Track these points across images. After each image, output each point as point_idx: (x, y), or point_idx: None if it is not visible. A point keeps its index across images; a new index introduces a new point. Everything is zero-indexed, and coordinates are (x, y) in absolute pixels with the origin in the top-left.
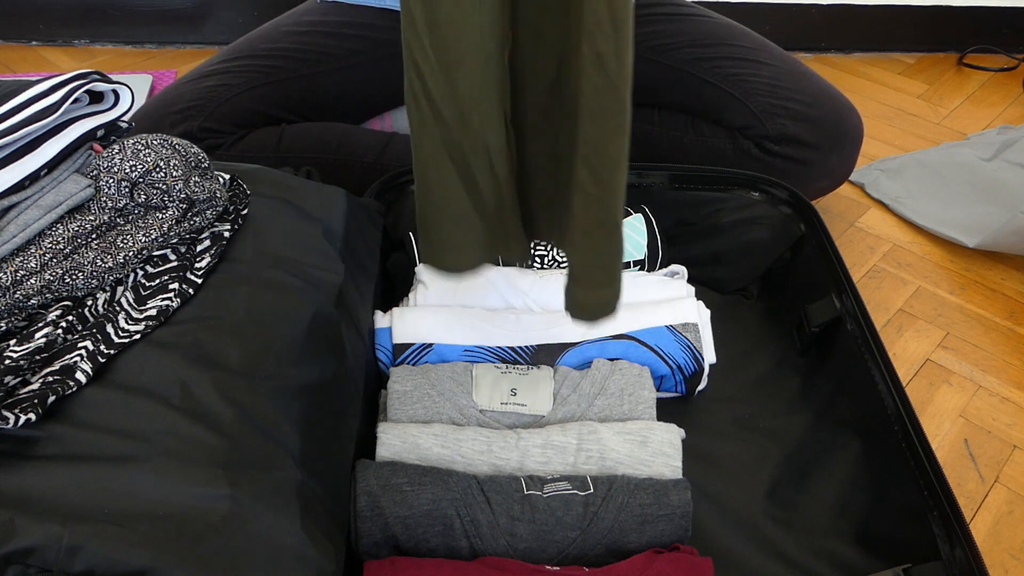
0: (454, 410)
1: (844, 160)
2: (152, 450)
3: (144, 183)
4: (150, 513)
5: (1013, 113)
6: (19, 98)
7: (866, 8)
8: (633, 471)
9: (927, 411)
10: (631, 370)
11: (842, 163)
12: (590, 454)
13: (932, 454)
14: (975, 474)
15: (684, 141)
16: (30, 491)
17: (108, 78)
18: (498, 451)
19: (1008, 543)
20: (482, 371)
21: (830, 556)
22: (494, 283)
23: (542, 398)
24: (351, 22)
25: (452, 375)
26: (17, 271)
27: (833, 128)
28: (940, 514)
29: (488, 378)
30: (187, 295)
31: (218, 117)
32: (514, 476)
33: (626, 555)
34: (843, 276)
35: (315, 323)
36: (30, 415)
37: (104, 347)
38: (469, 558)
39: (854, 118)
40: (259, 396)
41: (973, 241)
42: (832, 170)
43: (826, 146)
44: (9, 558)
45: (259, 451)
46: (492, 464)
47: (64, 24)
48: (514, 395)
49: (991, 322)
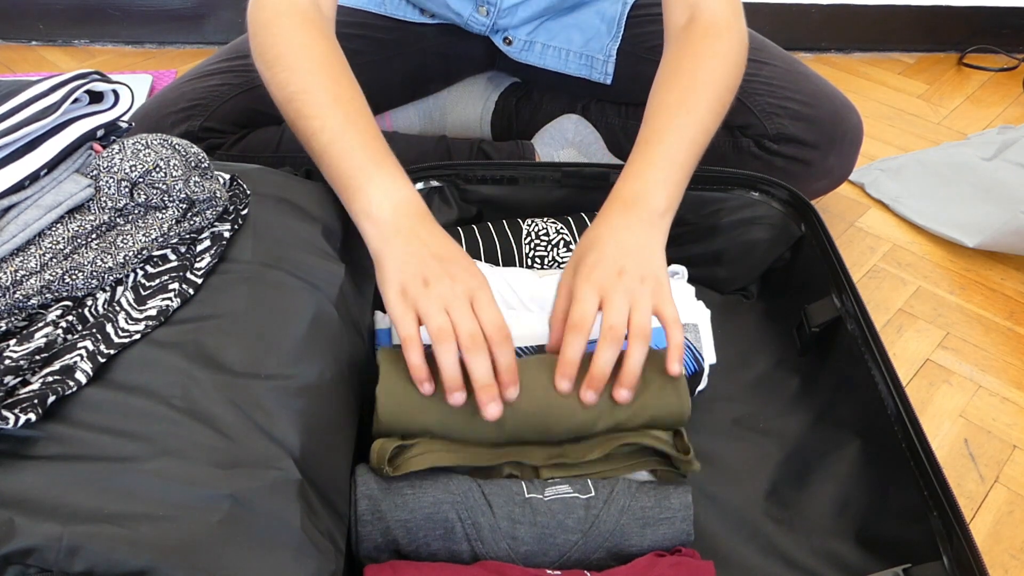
0: None
1: (843, 159)
2: (152, 450)
3: (144, 183)
4: (150, 513)
5: (1013, 113)
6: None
7: (866, 8)
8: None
9: (927, 411)
10: None
11: (841, 162)
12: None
13: (932, 454)
14: (975, 474)
15: None
16: (30, 491)
17: (108, 78)
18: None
19: (1008, 543)
20: None
21: (830, 556)
22: (493, 284)
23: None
24: (352, 22)
25: None
26: (17, 271)
27: (832, 128)
28: (940, 514)
29: None
30: (187, 295)
31: (219, 117)
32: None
33: (628, 558)
34: (843, 276)
35: (315, 323)
36: (30, 415)
37: (104, 347)
38: (470, 561)
39: (853, 118)
40: (259, 396)
41: (973, 241)
42: (831, 169)
43: (825, 145)
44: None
45: (259, 451)
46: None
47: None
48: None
49: (991, 322)
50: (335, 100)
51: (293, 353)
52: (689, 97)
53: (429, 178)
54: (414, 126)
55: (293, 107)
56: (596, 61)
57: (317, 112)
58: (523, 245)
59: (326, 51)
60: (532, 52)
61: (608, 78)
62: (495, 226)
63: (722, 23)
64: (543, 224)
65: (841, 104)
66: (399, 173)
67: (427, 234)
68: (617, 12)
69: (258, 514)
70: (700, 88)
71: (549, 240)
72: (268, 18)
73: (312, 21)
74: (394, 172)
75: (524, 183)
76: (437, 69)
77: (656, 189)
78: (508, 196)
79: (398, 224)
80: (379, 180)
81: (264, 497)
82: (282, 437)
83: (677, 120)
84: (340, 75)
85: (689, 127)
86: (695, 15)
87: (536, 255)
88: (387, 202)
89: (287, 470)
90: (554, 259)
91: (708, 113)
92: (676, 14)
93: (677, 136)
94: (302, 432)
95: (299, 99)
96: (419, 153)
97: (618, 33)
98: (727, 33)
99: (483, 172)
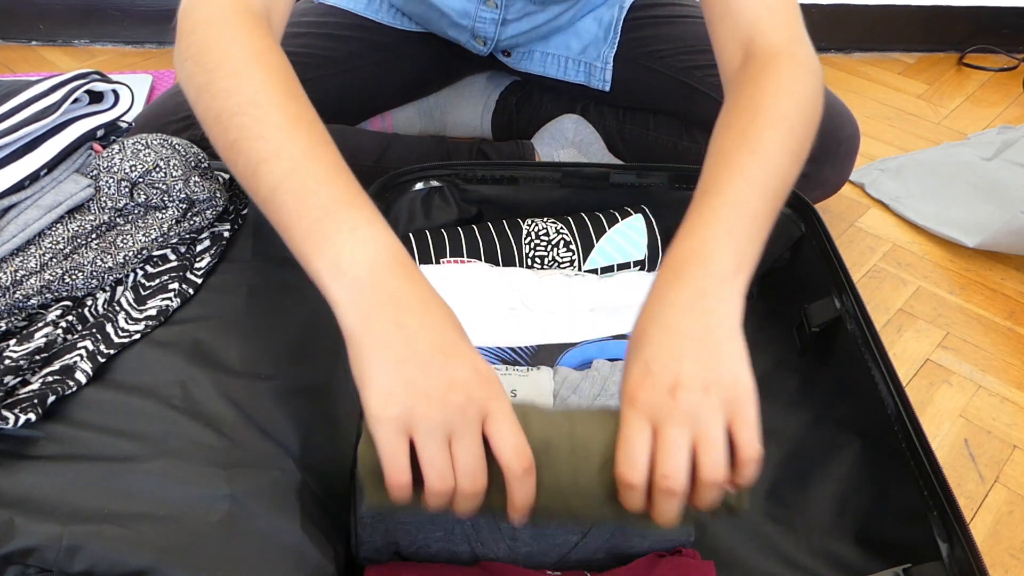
0: None
1: (838, 171)
2: (152, 450)
3: (144, 183)
4: (150, 513)
5: (1013, 113)
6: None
7: (866, 8)
8: None
9: (927, 411)
10: None
11: (836, 174)
12: None
13: (932, 454)
14: (975, 474)
15: (679, 148)
16: (30, 491)
17: (108, 78)
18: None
19: (1008, 543)
20: None
21: (830, 556)
22: (493, 284)
23: (542, 399)
24: (350, 24)
25: None
26: (17, 271)
27: (827, 139)
28: (940, 514)
29: None
30: (187, 295)
31: None
32: None
33: (628, 559)
34: (843, 276)
35: (315, 323)
36: (30, 415)
37: (104, 347)
38: (470, 563)
39: (849, 128)
40: (259, 396)
41: (973, 241)
42: (825, 181)
43: (820, 158)
44: (9, 558)
45: (259, 451)
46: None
47: (64, 24)
48: (514, 396)
49: (991, 322)
50: (294, 120)
51: (293, 353)
52: (751, 136)
53: (429, 178)
54: (414, 126)
55: (237, 123)
56: (595, 68)
57: (270, 133)
58: (523, 245)
59: (281, 63)
60: (532, 61)
61: (607, 85)
62: (495, 226)
63: (783, 53)
64: (543, 224)
65: (836, 114)
66: (374, 215)
67: (419, 306)
68: (613, 17)
69: (258, 514)
70: (764, 124)
71: (549, 240)
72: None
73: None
74: (368, 214)
75: (524, 183)
76: (436, 71)
77: (718, 244)
78: (508, 196)
79: (378, 290)
80: (350, 226)
81: (264, 497)
82: (282, 437)
83: (738, 162)
84: (298, 92)
85: (755, 167)
86: (750, 52)
87: (536, 255)
88: (361, 256)
89: (287, 470)
90: (554, 259)
91: (779, 152)
92: (729, 56)
93: (740, 180)
94: (302, 432)
95: (247, 114)
96: (419, 153)
97: (614, 39)
98: (789, 63)
99: (483, 172)
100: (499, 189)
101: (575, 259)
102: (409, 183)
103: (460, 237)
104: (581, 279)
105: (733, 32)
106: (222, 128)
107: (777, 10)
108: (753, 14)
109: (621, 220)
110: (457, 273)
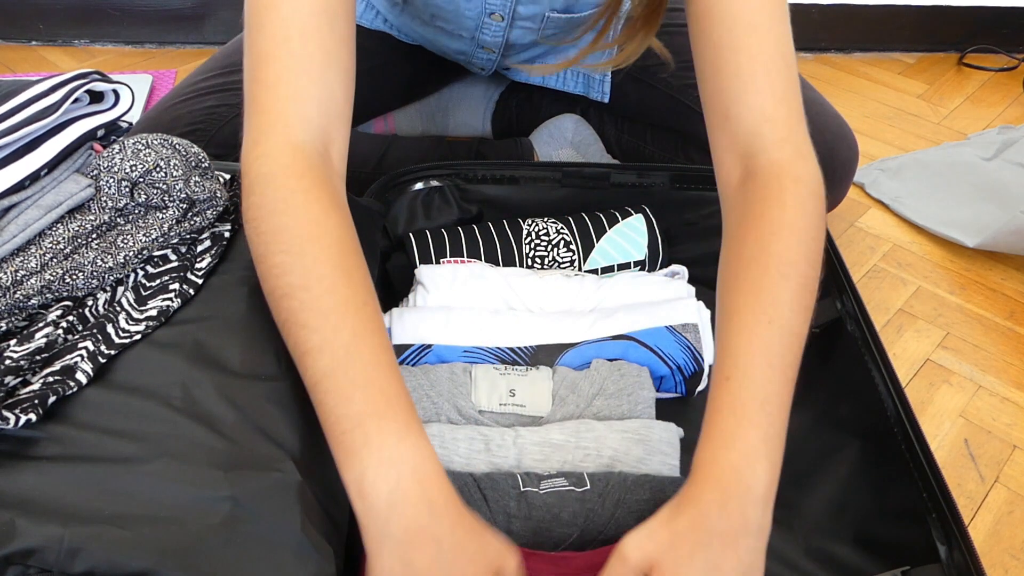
0: (453, 411)
1: (835, 190)
2: (152, 451)
3: (144, 183)
4: (150, 515)
5: (1013, 113)
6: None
7: (866, 8)
8: (631, 469)
9: (927, 411)
10: (630, 370)
11: (832, 194)
12: (587, 452)
13: (932, 456)
14: (975, 474)
15: (673, 164)
16: (31, 492)
17: (108, 78)
18: (496, 450)
19: (1008, 543)
20: (481, 372)
21: (829, 557)
22: (493, 284)
23: (541, 399)
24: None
25: (451, 376)
26: (17, 271)
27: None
28: (939, 516)
29: (487, 379)
30: (187, 295)
31: (219, 141)
32: (511, 473)
33: None
34: (843, 276)
35: None
36: (30, 415)
37: (104, 347)
38: None
39: (845, 149)
40: (260, 397)
41: (973, 241)
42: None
43: None
44: (10, 559)
45: (259, 452)
46: (490, 463)
47: (64, 24)
48: (513, 396)
49: (991, 322)
50: (343, 305)
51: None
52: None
53: (429, 178)
54: (416, 127)
55: (286, 305)
56: (593, 80)
57: (318, 323)
58: (523, 245)
59: (340, 232)
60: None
61: (605, 97)
62: (495, 226)
63: (786, 173)
64: (543, 224)
65: (833, 135)
66: (406, 426)
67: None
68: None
69: (258, 516)
70: (776, 280)
71: (549, 240)
72: (269, 171)
73: (323, 182)
74: (399, 426)
75: (524, 183)
76: (435, 74)
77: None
78: (508, 196)
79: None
80: (378, 442)
81: (264, 499)
82: (282, 438)
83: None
84: (351, 266)
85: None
86: (750, 169)
87: (536, 255)
88: (383, 483)
89: (287, 471)
90: (554, 259)
91: (794, 313)
92: (728, 170)
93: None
94: (302, 433)
95: (297, 298)
96: (420, 154)
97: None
98: (793, 188)
99: (483, 172)
100: (499, 189)
101: (575, 259)
102: (409, 183)
103: (460, 237)
104: (581, 279)
105: (732, 143)
106: (274, 305)
107: (779, 122)
108: (754, 126)
109: (621, 220)
110: (457, 273)
